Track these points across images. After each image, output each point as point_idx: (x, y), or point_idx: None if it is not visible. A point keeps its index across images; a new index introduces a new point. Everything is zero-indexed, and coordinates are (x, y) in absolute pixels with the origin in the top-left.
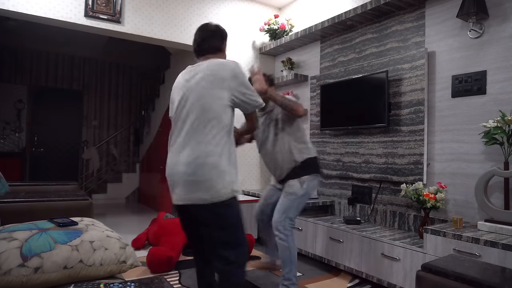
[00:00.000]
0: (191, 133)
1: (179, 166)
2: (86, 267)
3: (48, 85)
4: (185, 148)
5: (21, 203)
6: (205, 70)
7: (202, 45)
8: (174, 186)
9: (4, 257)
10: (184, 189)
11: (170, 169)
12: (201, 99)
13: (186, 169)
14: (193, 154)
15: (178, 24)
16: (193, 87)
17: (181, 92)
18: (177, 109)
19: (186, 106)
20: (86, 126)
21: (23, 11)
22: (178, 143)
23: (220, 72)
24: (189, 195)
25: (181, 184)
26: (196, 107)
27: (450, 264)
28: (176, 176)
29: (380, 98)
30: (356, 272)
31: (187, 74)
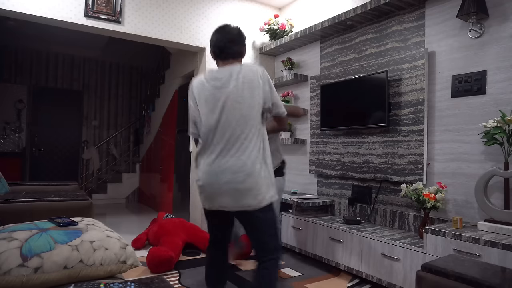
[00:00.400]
0: (233, 141)
1: (225, 174)
2: (86, 267)
3: (48, 85)
4: (228, 156)
5: (21, 203)
6: (240, 77)
7: (225, 49)
8: (216, 194)
9: (4, 257)
10: (231, 197)
11: (211, 177)
12: (241, 107)
13: (234, 178)
14: (239, 162)
15: (178, 24)
16: (230, 95)
17: (215, 100)
18: (211, 116)
19: (224, 114)
20: (86, 126)
21: (23, 11)
22: (219, 151)
23: (254, 79)
24: (237, 203)
25: (226, 192)
26: (236, 115)
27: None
28: (220, 185)
29: (380, 98)
30: (356, 272)
31: (214, 80)
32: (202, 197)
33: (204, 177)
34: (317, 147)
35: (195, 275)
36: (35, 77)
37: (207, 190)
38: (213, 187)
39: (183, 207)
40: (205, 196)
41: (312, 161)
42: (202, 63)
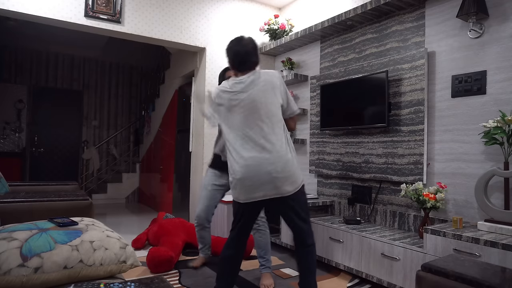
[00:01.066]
0: (265, 136)
1: (265, 166)
2: (86, 267)
3: (48, 85)
4: (265, 150)
5: (21, 203)
6: (261, 81)
7: (244, 62)
8: (256, 185)
9: (4, 257)
10: (271, 185)
11: (250, 170)
12: (266, 106)
13: (274, 168)
14: (276, 154)
15: (178, 24)
16: (256, 97)
17: (242, 102)
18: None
19: (254, 114)
20: (86, 126)
21: (23, 11)
22: (254, 146)
23: (273, 81)
24: (278, 190)
25: (268, 182)
26: (263, 113)
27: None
28: (261, 175)
29: (380, 98)
30: (356, 272)
31: (239, 85)
32: (238, 191)
33: (243, 171)
34: (317, 147)
35: (195, 275)
36: (35, 77)
37: (247, 182)
38: (253, 179)
39: (183, 207)
40: (243, 188)
41: (312, 161)
42: (202, 63)
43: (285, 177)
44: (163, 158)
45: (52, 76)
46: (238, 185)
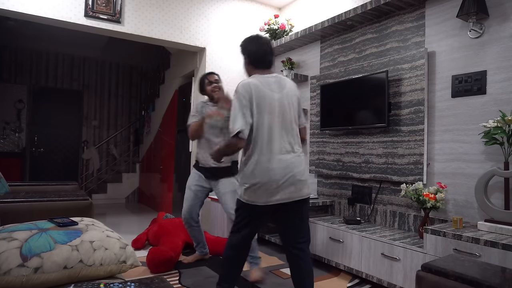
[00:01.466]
0: (289, 140)
1: (290, 169)
2: (86, 267)
3: (48, 85)
4: (289, 154)
5: (21, 203)
6: (287, 86)
7: (265, 60)
8: (280, 188)
9: (4, 257)
10: (294, 188)
11: (275, 173)
12: (290, 111)
13: (297, 172)
14: (298, 158)
15: (178, 24)
16: (283, 100)
17: (273, 103)
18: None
19: (281, 116)
20: (86, 126)
21: (23, 11)
22: (279, 149)
23: (295, 89)
24: (298, 193)
25: (291, 184)
26: (289, 117)
27: (450, 264)
28: (286, 178)
29: (380, 98)
30: (356, 272)
31: (269, 85)
32: (258, 193)
33: (266, 174)
34: (317, 147)
35: (195, 275)
36: (35, 77)
37: (273, 185)
38: (279, 182)
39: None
40: (267, 191)
41: (312, 161)
42: (202, 63)
43: (305, 180)
44: (163, 158)
45: (52, 76)
46: (261, 188)
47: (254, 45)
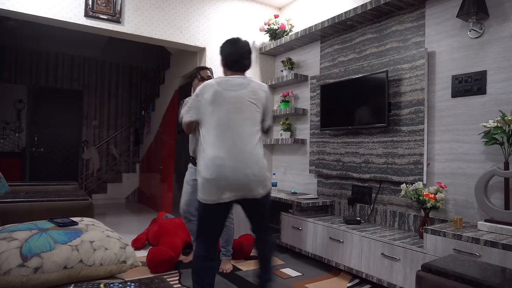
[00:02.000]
0: (246, 138)
1: (244, 168)
2: (86, 267)
3: (48, 85)
4: (244, 152)
5: (21, 203)
6: (250, 86)
7: (238, 63)
8: (232, 185)
9: (4, 257)
10: (246, 187)
11: (227, 170)
12: (251, 109)
13: (252, 170)
14: (254, 156)
15: (178, 24)
16: (242, 100)
17: (229, 102)
18: (227, 116)
19: (238, 115)
20: (86, 126)
21: (23, 11)
22: (233, 146)
23: (260, 90)
24: (252, 192)
25: (243, 184)
26: (249, 115)
27: (450, 264)
28: (238, 177)
29: (380, 98)
30: (356, 272)
31: (229, 86)
32: (209, 190)
33: (218, 170)
34: (317, 147)
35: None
36: (35, 77)
37: (219, 182)
38: (228, 180)
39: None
40: (216, 188)
41: (312, 161)
42: (202, 63)
43: (260, 180)
44: (163, 158)
45: (52, 76)
46: (212, 184)
47: (231, 48)
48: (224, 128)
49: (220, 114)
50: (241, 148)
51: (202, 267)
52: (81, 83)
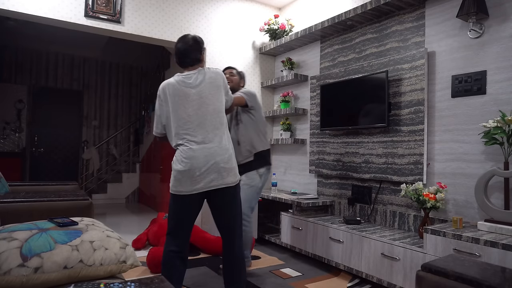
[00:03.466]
0: (211, 130)
1: (213, 157)
2: (86, 267)
3: (48, 85)
4: (211, 143)
5: (21, 203)
6: (206, 78)
7: (184, 58)
8: (202, 175)
9: (4, 257)
10: (218, 175)
11: (197, 162)
12: (212, 102)
13: (221, 159)
14: (222, 146)
15: (178, 24)
16: (202, 93)
17: (189, 98)
18: (188, 111)
19: (200, 109)
20: (86, 126)
21: (23, 11)
22: (201, 140)
23: (217, 78)
24: (223, 181)
25: (215, 172)
26: (209, 109)
27: (450, 264)
28: (208, 166)
29: (380, 98)
30: (356, 272)
31: (185, 82)
32: (183, 182)
33: (190, 162)
34: (317, 147)
35: (195, 275)
36: (35, 77)
37: (193, 173)
38: (201, 170)
39: None
40: (189, 179)
41: (312, 161)
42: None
43: (230, 168)
44: (163, 158)
45: (52, 76)
46: (186, 176)
47: (177, 45)
48: (193, 124)
49: (186, 110)
50: (210, 140)
51: (171, 262)
52: (81, 83)
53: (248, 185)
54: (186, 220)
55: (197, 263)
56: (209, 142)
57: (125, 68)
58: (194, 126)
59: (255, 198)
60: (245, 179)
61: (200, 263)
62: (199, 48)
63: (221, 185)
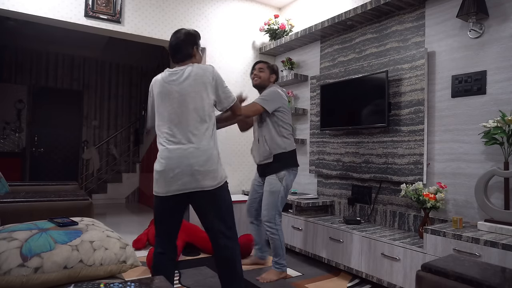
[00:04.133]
0: (191, 130)
1: (188, 159)
2: (86, 267)
3: (48, 85)
4: (189, 143)
5: (21, 203)
6: (192, 75)
7: (175, 53)
8: (177, 177)
9: (4, 257)
10: (192, 178)
11: (173, 162)
12: (197, 100)
13: (196, 161)
14: (200, 148)
15: (178, 24)
16: (184, 90)
17: (171, 95)
18: (169, 109)
19: (181, 107)
20: (86, 126)
21: (23, 11)
22: (179, 139)
23: (204, 76)
24: (198, 184)
25: (188, 175)
26: (193, 107)
27: (450, 264)
28: (182, 168)
29: (380, 98)
30: (356, 272)
31: (170, 78)
32: (159, 183)
33: (165, 162)
34: (317, 147)
35: (195, 275)
36: (35, 77)
37: (169, 174)
38: (175, 171)
39: None
40: (165, 180)
41: (312, 161)
42: (202, 63)
43: (206, 171)
44: None
45: (52, 76)
46: (161, 177)
47: (170, 39)
48: (172, 123)
49: (167, 108)
50: (188, 140)
51: (157, 263)
52: (81, 83)
53: (269, 191)
54: (167, 221)
55: (197, 263)
56: (186, 142)
57: (125, 68)
58: (172, 125)
59: (281, 204)
60: (266, 185)
61: (200, 263)
62: (191, 42)
63: (196, 188)
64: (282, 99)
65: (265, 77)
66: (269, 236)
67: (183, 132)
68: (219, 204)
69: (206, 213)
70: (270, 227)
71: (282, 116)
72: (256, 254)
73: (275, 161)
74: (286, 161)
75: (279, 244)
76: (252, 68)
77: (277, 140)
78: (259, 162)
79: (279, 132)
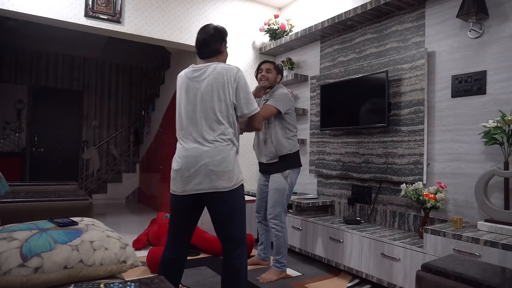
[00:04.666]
0: (207, 129)
1: (202, 158)
2: (86, 267)
3: (48, 85)
4: (205, 143)
5: (21, 203)
6: (213, 73)
7: (202, 49)
8: (192, 177)
9: (4, 257)
10: (207, 178)
11: (188, 161)
12: (215, 99)
13: (211, 161)
14: (217, 148)
15: (178, 24)
16: (203, 89)
17: (191, 92)
18: (188, 107)
19: (199, 106)
20: (86, 126)
21: (23, 11)
22: (196, 138)
23: (226, 75)
24: (212, 184)
25: (203, 174)
26: (211, 106)
27: (450, 264)
28: (197, 168)
29: (380, 98)
30: (356, 272)
31: (192, 74)
32: (176, 181)
33: (182, 161)
34: (317, 147)
35: (195, 275)
36: (35, 77)
37: (185, 173)
38: (190, 170)
39: None
40: (181, 179)
41: (312, 161)
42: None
43: (222, 171)
44: (163, 158)
45: (52, 76)
46: (178, 175)
47: (197, 35)
48: (189, 120)
49: (186, 106)
50: (205, 140)
51: (166, 268)
52: (81, 83)
53: (274, 189)
54: (181, 221)
55: (197, 263)
56: (203, 142)
57: (125, 68)
58: (191, 123)
59: (286, 201)
60: (271, 183)
61: (200, 263)
62: (220, 38)
63: (210, 189)
64: (291, 101)
65: (273, 78)
66: (274, 234)
67: (201, 131)
68: (236, 206)
69: (219, 215)
70: (276, 224)
71: (289, 117)
72: (259, 255)
73: (280, 161)
74: (291, 161)
75: (282, 242)
76: (258, 68)
77: (283, 141)
78: (265, 163)
79: (285, 133)
